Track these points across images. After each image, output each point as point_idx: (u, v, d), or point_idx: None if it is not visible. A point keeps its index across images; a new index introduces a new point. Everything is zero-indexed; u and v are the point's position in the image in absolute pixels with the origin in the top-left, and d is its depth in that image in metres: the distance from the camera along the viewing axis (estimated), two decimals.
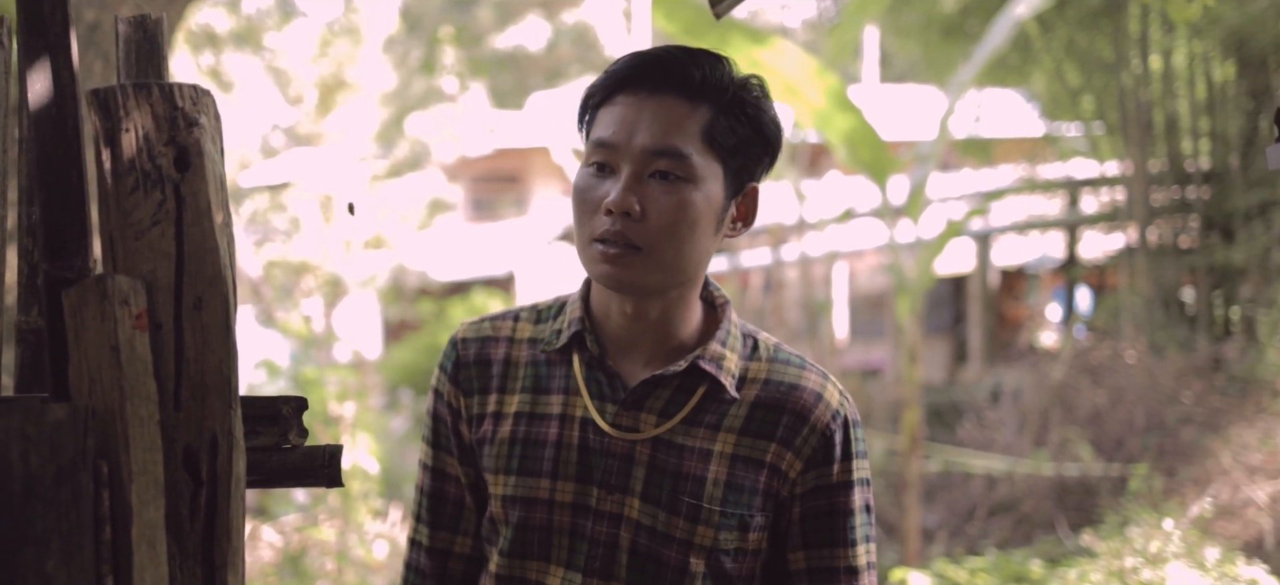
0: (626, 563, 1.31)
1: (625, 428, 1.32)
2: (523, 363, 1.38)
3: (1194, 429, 7.20)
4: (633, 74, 1.29)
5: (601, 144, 1.29)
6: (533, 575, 1.34)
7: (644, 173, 1.26)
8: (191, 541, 0.98)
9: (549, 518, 1.32)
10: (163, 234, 0.99)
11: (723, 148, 1.29)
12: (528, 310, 1.44)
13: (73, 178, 1.08)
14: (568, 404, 1.34)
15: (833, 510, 1.34)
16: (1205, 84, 8.41)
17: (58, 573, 0.87)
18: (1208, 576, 4.24)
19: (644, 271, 1.27)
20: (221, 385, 1.01)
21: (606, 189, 1.27)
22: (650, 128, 1.26)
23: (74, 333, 0.95)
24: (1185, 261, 8.55)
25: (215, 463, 1.00)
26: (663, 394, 1.32)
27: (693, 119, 1.27)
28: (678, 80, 1.28)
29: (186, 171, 1.00)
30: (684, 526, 1.30)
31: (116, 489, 0.92)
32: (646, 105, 1.27)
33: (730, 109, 1.29)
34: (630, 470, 1.31)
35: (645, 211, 1.26)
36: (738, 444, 1.31)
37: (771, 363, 1.36)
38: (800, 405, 1.33)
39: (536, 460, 1.33)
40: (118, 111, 0.98)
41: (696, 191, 1.27)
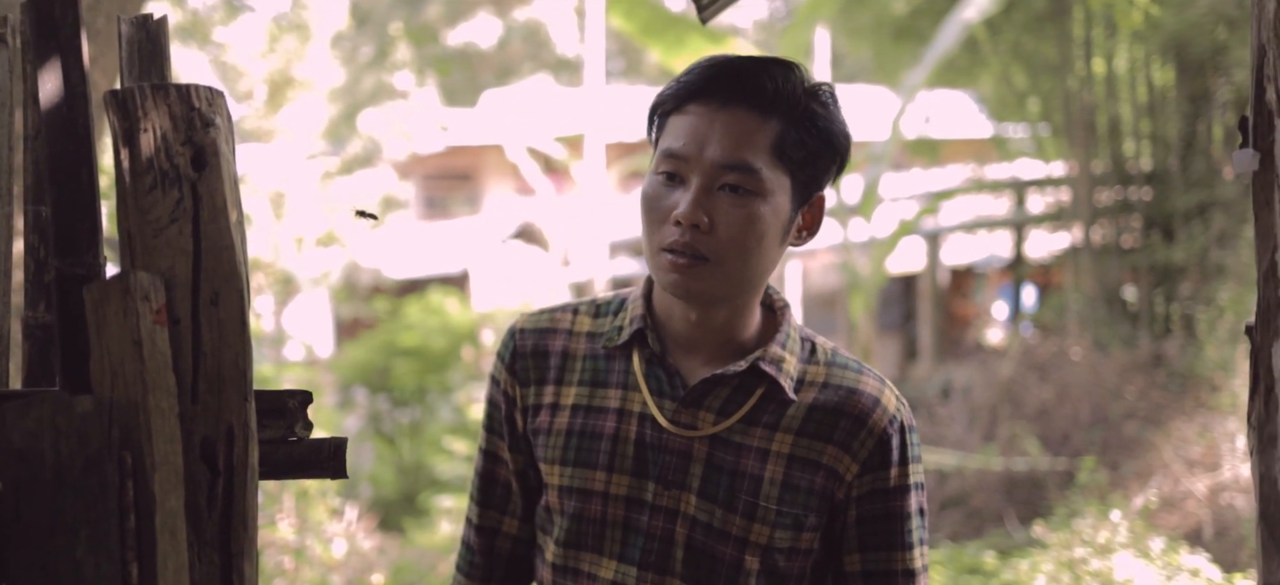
0: (682, 558, 1.33)
1: (684, 425, 1.34)
2: (581, 356, 1.40)
3: (1137, 424, 7.40)
4: (705, 85, 1.30)
5: (671, 154, 1.30)
6: (587, 567, 1.36)
7: (713, 185, 1.27)
8: (210, 530, 1.01)
9: (604, 510, 1.34)
10: (180, 231, 1.02)
11: (792, 161, 1.30)
12: (587, 304, 1.45)
13: (83, 176, 1.10)
14: (626, 399, 1.36)
15: (889, 514, 1.35)
16: (1146, 88, 8.63)
17: (87, 559, 0.90)
18: (1153, 566, 4.38)
19: (712, 283, 1.29)
20: (238, 378, 1.04)
21: (676, 199, 1.29)
22: (721, 140, 1.27)
23: (96, 327, 0.97)
24: (1127, 260, 8.77)
25: (232, 454, 1.03)
26: (722, 393, 1.34)
27: (763, 132, 1.28)
28: (750, 93, 1.28)
29: (203, 170, 1.03)
30: (740, 524, 1.32)
31: (140, 479, 0.95)
32: (718, 117, 1.28)
33: (801, 122, 1.30)
34: (688, 467, 1.33)
35: (714, 224, 1.27)
36: (795, 445, 1.33)
37: (829, 366, 1.37)
38: (858, 409, 1.34)
39: (592, 452, 1.35)
40: (136, 112, 1.01)
41: (765, 205, 1.28)
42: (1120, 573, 4.22)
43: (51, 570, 0.87)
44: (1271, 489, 0.99)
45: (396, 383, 8.70)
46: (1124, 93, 8.79)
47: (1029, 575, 4.40)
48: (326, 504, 5.79)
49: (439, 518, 7.18)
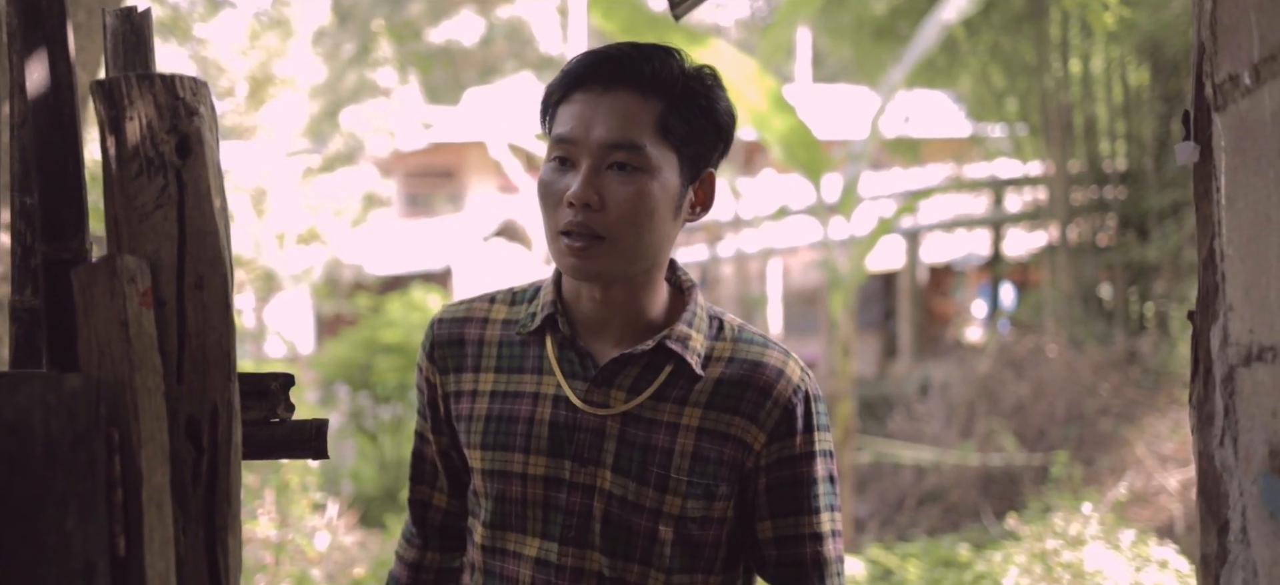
0: (599, 531, 1.38)
1: (596, 404, 1.38)
2: (497, 343, 1.45)
3: (1111, 420, 7.48)
4: (587, 72, 1.36)
5: (561, 139, 1.35)
6: (512, 546, 1.42)
7: (602, 165, 1.33)
8: (194, 505, 1.05)
9: (524, 490, 1.40)
10: (165, 217, 1.05)
11: (677, 137, 1.35)
12: (504, 293, 1.51)
13: (69, 164, 1.14)
14: (541, 382, 1.41)
15: (797, 480, 1.40)
16: (1121, 88, 8.73)
17: (76, 531, 0.93)
18: (1123, 557, 4.45)
19: (608, 260, 1.34)
20: (222, 359, 1.07)
21: (567, 182, 1.34)
22: (606, 122, 1.33)
23: (83, 309, 1.01)
24: (1103, 259, 8.87)
25: (216, 432, 1.07)
26: (632, 371, 1.39)
27: (646, 112, 1.33)
28: (630, 76, 1.34)
29: (187, 158, 1.06)
30: (653, 496, 1.37)
31: (127, 455, 0.98)
32: (602, 101, 1.34)
33: (682, 100, 1.35)
34: (602, 444, 1.38)
35: (605, 202, 1.32)
36: (703, 418, 1.38)
37: (736, 342, 1.42)
38: (763, 380, 1.39)
39: (510, 435, 1.41)
40: (122, 101, 1.04)
41: (653, 181, 1.33)
42: (1090, 564, 4.29)
43: (41, 541, 0.90)
44: (1209, 464, 1.04)
45: (378, 379, 8.71)
46: (1100, 93, 8.88)
47: (1002, 567, 4.46)
48: (308, 499, 5.80)
49: None
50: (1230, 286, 0.98)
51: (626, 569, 1.38)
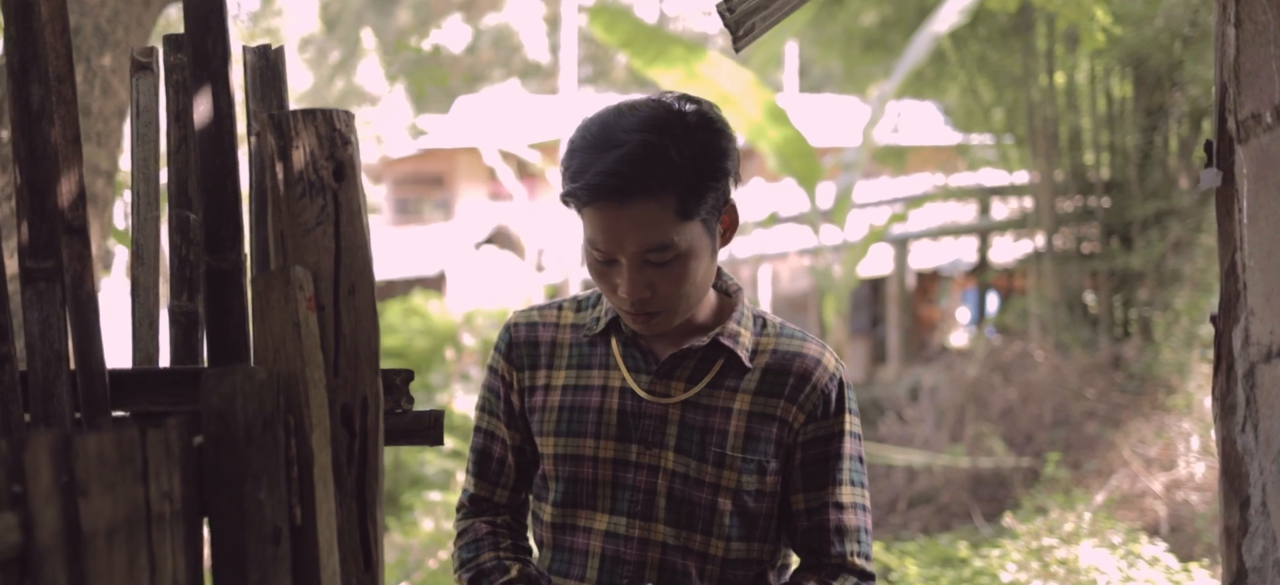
0: (665, 506, 1.55)
1: (658, 394, 1.57)
2: (567, 344, 1.64)
3: (1097, 423, 7.67)
4: (601, 192, 1.44)
5: (596, 247, 1.50)
6: (582, 522, 1.59)
7: (641, 263, 1.48)
8: (349, 482, 1.20)
9: (594, 472, 1.58)
10: (325, 233, 1.20)
11: (697, 210, 1.47)
12: (570, 302, 1.69)
13: (228, 186, 1.29)
14: (608, 377, 1.60)
15: (827, 456, 1.58)
16: (1105, 100, 8.95)
17: (267, 501, 1.08)
18: (1115, 554, 4.63)
19: (666, 322, 1.54)
20: (370, 356, 1.23)
21: (615, 276, 1.50)
22: (634, 234, 1.45)
23: (260, 312, 1.16)
24: (1087, 266, 9.07)
25: (366, 420, 1.22)
26: (688, 365, 1.57)
27: (665, 209, 1.45)
28: (640, 189, 1.44)
29: (342, 181, 1.21)
30: (712, 472, 1.55)
31: (300, 437, 1.13)
32: (623, 215, 1.45)
33: (691, 180, 1.46)
34: (665, 428, 1.56)
35: (655, 289, 1.49)
36: (753, 402, 1.56)
37: (778, 336, 1.61)
38: (803, 368, 1.58)
39: (582, 423, 1.59)
40: (290, 132, 1.19)
41: (690, 259, 1.49)
42: (1084, 561, 4.46)
43: (243, 509, 1.05)
44: (1231, 449, 1.20)
45: None
46: (1084, 105, 9.10)
47: (999, 563, 4.63)
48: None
49: (422, 515, 7.32)
50: (1251, 293, 1.15)
51: (690, 539, 1.56)
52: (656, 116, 1.48)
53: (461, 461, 8.02)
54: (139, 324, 1.38)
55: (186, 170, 1.37)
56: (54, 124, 1.23)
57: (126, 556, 0.93)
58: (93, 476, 0.91)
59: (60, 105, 1.23)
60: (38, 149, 1.22)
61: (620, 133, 1.46)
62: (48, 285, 1.23)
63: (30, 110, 1.22)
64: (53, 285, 1.24)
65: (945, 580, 4.77)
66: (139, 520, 0.95)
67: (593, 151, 1.46)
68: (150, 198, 1.38)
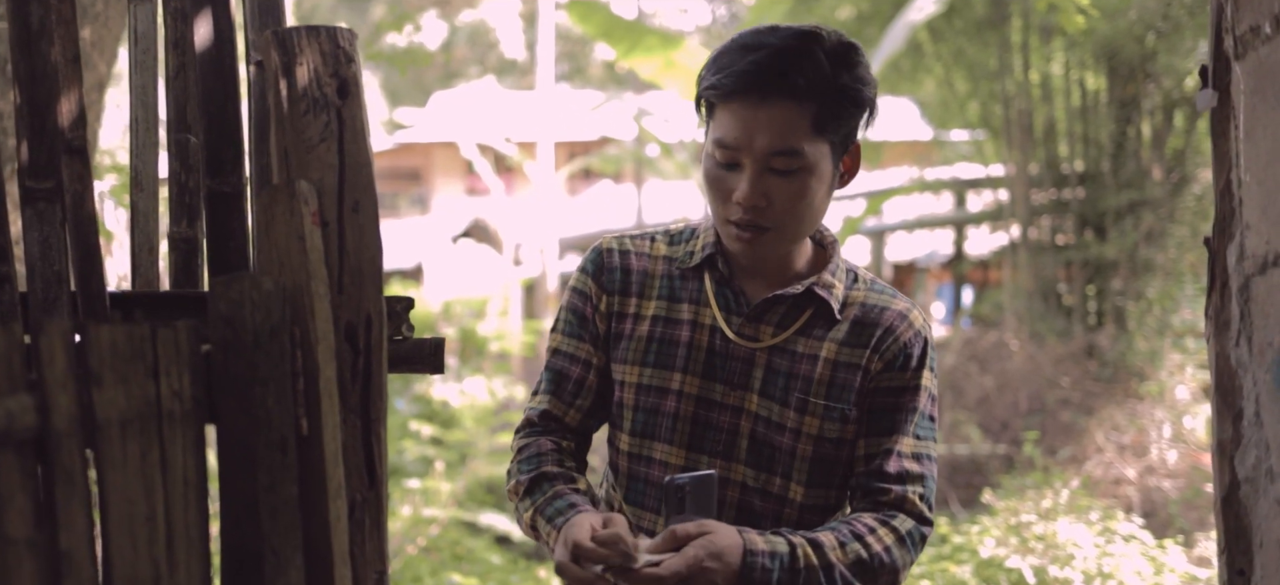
0: (746, 448, 1.55)
1: (747, 337, 1.56)
2: (659, 275, 1.62)
3: (1071, 411, 7.75)
4: (746, 85, 1.44)
5: (724, 145, 1.48)
6: (659, 455, 1.58)
7: (765, 168, 1.46)
8: (353, 399, 1.20)
9: (677, 406, 1.57)
10: (328, 149, 1.20)
11: (830, 131, 1.47)
12: (662, 235, 1.68)
13: (229, 109, 1.29)
14: (698, 313, 1.59)
15: (898, 406, 1.56)
16: (1079, 93, 9.04)
17: (275, 408, 1.08)
18: (1092, 530, 4.69)
19: (774, 245, 1.53)
20: (374, 273, 1.23)
21: (734, 181, 1.48)
22: (767, 132, 1.44)
23: (265, 226, 1.15)
24: (1062, 257, 9.16)
25: (370, 336, 1.22)
26: (779, 310, 1.57)
27: (802, 117, 1.45)
28: (786, 89, 1.44)
29: (346, 99, 1.21)
30: (794, 417, 1.54)
31: (306, 349, 1.13)
32: (760, 112, 1.44)
33: (833, 99, 1.46)
34: (751, 371, 1.56)
35: (771, 200, 1.47)
36: (839, 352, 1.56)
37: (868, 291, 1.61)
38: (889, 321, 1.57)
39: (670, 356, 1.58)
40: (294, 49, 1.19)
41: (812, 177, 1.47)
42: (1062, 536, 4.51)
43: (251, 415, 1.05)
44: (1225, 364, 1.23)
45: None
46: (1059, 98, 9.19)
47: (978, 539, 4.67)
48: None
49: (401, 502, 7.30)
50: (1247, 208, 1.17)
51: (769, 481, 1.56)
52: (810, 31, 1.49)
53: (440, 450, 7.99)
54: (138, 250, 1.37)
55: (185, 97, 1.37)
56: (53, 43, 1.22)
57: (139, 449, 0.93)
58: (106, 367, 0.90)
59: (60, 24, 1.22)
60: (37, 68, 1.22)
61: (772, 37, 1.46)
62: (47, 205, 1.23)
63: (30, 29, 1.21)
64: (53, 205, 1.23)
65: (925, 557, 4.80)
66: (151, 415, 0.95)
67: (741, 50, 1.46)
68: (149, 123, 1.37)
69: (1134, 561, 4.45)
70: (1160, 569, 4.41)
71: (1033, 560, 4.44)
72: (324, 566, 1.10)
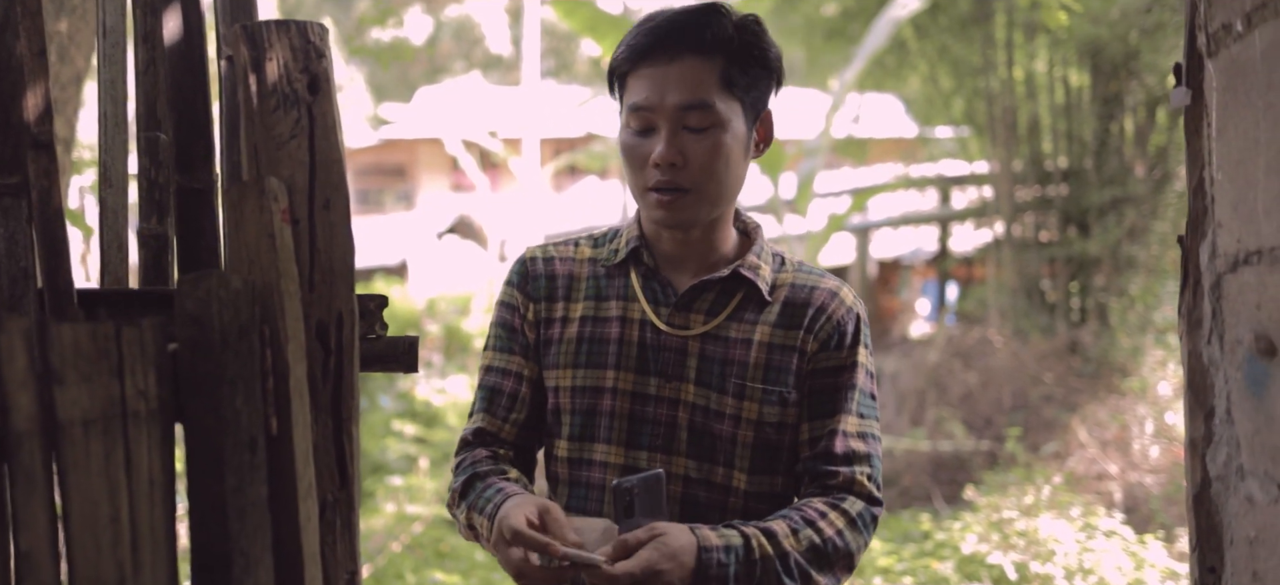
0: (686, 439, 1.54)
1: (677, 326, 1.56)
2: (584, 277, 1.62)
3: (1054, 407, 7.79)
4: (653, 44, 1.50)
5: (638, 108, 1.50)
6: (599, 456, 1.56)
7: (679, 126, 1.48)
8: (324, 398, 1.19)
9: (613, 404, 1.56)
10: (299, 146, 1.19)
11: (739, 88, 1.51)
12: (586, 238, 1.69)
13: (199, 104, 1.27)
14: (626, 309, 1.58)
15: (837, 387, 1.56)
16: (1063, 90, 9.08)
17: (243, 408, 1.07)
18: (1073, 527, 4.71)
19: (693, 209, 1.52)
20: (345, 272, 1.21)
21: (650, 145, 1.50)
22: (678, 88, 1.48)
23: (234, 223, 1.14)
24: (1045, 253, 9.20)
25: (341, 335, 1.21)
26: (708, 297, 1.57)
27: (710, 71, 1.49)
28: (693, 42, 1.48)
29: (317, 95, 1.20)
30: (732, 404, 1.54)
31: (276, 348, 1.12)
32: (670, 70, 1.48)
33: (740, 53, 1.50)
34: (685, 361, 1.55)
35: (687, 158, 1.49)
36: (772, 334, 1.55)
37: (796, 272, 1.61)
38: (820, 301, 1.58)
39: (601, 354, 1.57)
40: (263, 43, 1.18)
41: (725, 132, 1.50)
42: (1043, 532, 4.53)
43: (220, 414, 1.04)
44: (1197, 361, 1.23)
45: None
46: (1042, 95, 9.22)
47: (960, 535, 4.69)
48: None
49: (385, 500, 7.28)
50: (1219, 206, 1.17)
51: (712, 471, 1.55)
52: (711, 3, 1.53)
53: (424, 448, 7.97)
54: (107, 247, 1.36)
55: (155, 92, 1.35)
56: (19, 36, 1.20)
57: (103, 449, 0.92)
58: (68, 366, 0.89)
59: (25, 17, 1.20)
60: (2, 62, 1.20)
61: (675, 10, 1.52)
62: (14, 201, 1.21)
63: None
64: (19, 201, 1.21)
65: (908, 553, 4.81)
66: (115, 415, 0.94)
67: (646, 21, 1.52)
68: (118, 119, 1.36)
69: (1115, 557, 4.47)
70: (1141, 564, 4.43)
71: (1014, 556, 4.45)
72: (294, 567, 1.09)
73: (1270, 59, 1.03)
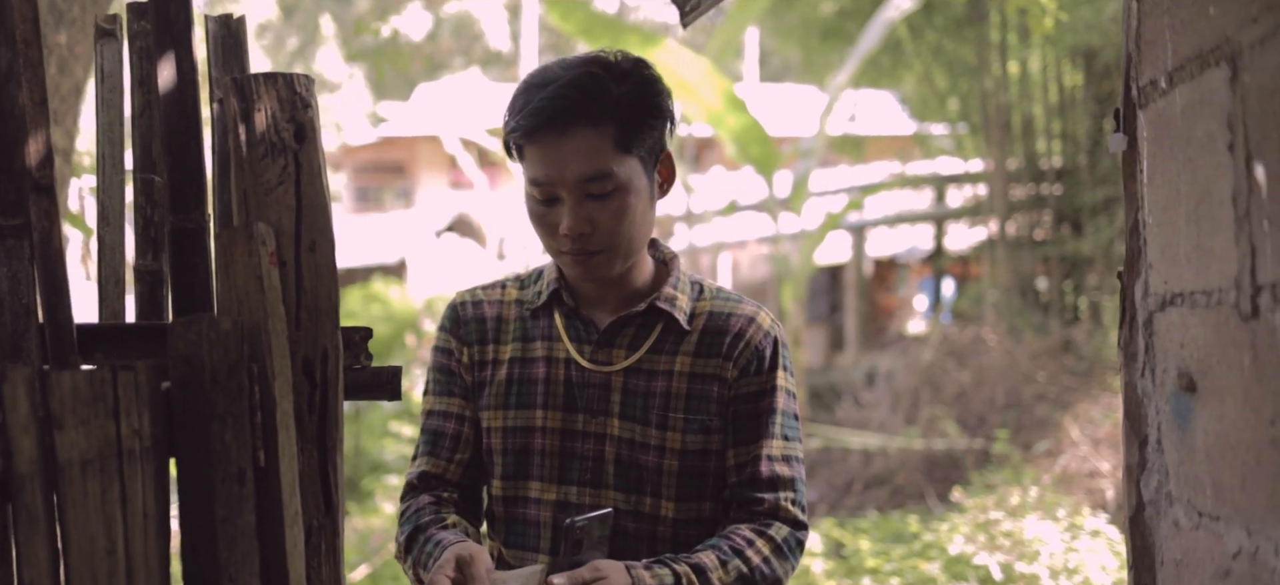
0: (613, 472, 1.58)
1: (601, 362, 1.60)
2: (512, 319, 1.67)
3: (1047, 406, 7.85)
4: (542, 122, 1.50)
5: (537, 183, 1.52)
6: (533, 494, 1.62)
7: (582, 196, 1.51)
8: (310, 430, 1.26)
9: (543, 443, 1.61)
10: (286, 191, 1.26)
11: (634, 145, 1.52)
12: (512, 279, 1.73)
13: (192, 148, 1.35)
14: (552, 348, 1.63)
15: (759, 412, 1.60)
16: (1057, 89, 9.14)
17: (232, 443, 1.14)
18: (1059, 527, 4.78)
19: (608, 265, 1.55)
20: (330, 310, 1.29)
21: (556, 215, 1.53)
22: (574, 162, 1.49)
23: (225, 266, 1.22)
24: (1039, 252, 9.27)
25: (326, 370, 1.28)
26: (628, 332, 1.61)
27: (603, 139, 1.50)
28: (581, 115, 1.49)
29: (303, 143, 1.28)
30: (656, 435, 1.58)
31: (264, 385, 1.19)
32: (563, 144, 1.49)
33: (630, 114, 1.51)
34: (609, 396, 1.59)
35: (594, 224, 1.51)
36: (693, 364, 1.60)
37: (714, 299, 1.64)
38: (738, 327, 1.61)
39: (530, 394, 1.61)
40: (252, 95, 1.25)
41: (629, 194, 1.52)
42: (1029, 533, 4.60)
43: (209, 449, 1.11)
44: (1133, 392, 1.30)
45: None
46: (1037, 94, 9.29)
47: (947, 536, 4.76)
48: None
49: (382, 500, 7.37)
50: (1150, 248, 1.24)
51: (640, 501, 1.59)
52: (594, 58, 1.55)
53: None
54: (105, 282, 1.43)
55: (150, 134, 1.43)
56: (21, 87, 1.28)
57: (100, 487, 1.00)
58: (67, 410, 0.97)
59: (27, 68, 1.28)
60: (5, 111, 1.27)
61: (558, 71, 1.53)
62: (16, 242, 1.28)
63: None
64: (21, 242, 1.28)
65: (897, 554, 4.89)
66: (111, 454, 1.01)
67: (532, 90, 1.52)
68: (115, 161, 1.43)
69: (1100, 556, 4.54)
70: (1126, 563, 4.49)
71: (1000, 556, 4.53)
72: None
73: (1189, 117, 1.10)
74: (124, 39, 1.45)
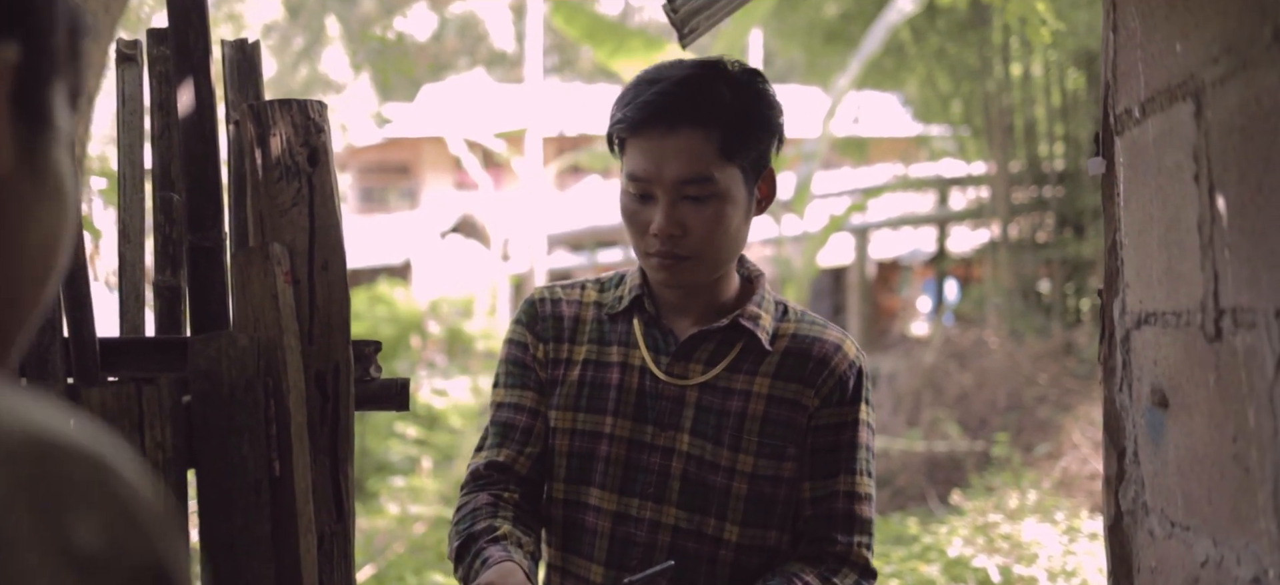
0: (678, 489, 1.53)
1: (676, 375, 1.55)
2: (589, 321, 1.63)
3: (1049, 408, 7.88)
4: (650, 117, 1.46)
5: (636, 178, 1.48)
6: (593, 500, 1.55)
7: (678, 197, 1.47)
8: (322, 441, 1.32)
9: (609, 450, 1.54)
10: (300, 213, 1.32)
11: (739, 155, 1.48)
12: (593, 282, 1.69)
13: (210, 170, 1.40)
14: (627, 355, 1.57)
15: (838, 445, 1.54)
16: (1060, 93, 9.17)
17: (249, 454, 1.20)
18: (1057, 530, 4.83)
19: (694, 273, 1.51)
20: (342, 326, 1.35)
21: (649, 214, 1.49)
22: (676, 161, 1.46)
23: (241, 285, 1.27)
24: (1042, 255, 9.30)
25: (337, 384, 1.34)
26: (708, 347, 1.55)
27: (709, 143, 1.46)
28: (690, 115, 1.45)
29: (316, 167, 1.34)
30: (727, 456, 1.52)
31: (279, 398, 1.25)
32: (667, 142, 1.46)
33: (739, 121, 1.47)
34: (681, 410, 1.54)
35: (686, 229, 1.47)
36: (772, 386, 1.54)
37: (799, 322, 1.59)
38: (822, 353, 1.55)
39: (601, 399, 1.56)
40: (268, 121, 1.31)
41: (726, 202, 1.48)
42: (1027, 535, 4.65)
43: (228, 461, 1.17)
44: (1112, 406, 1.36)
45: None
46: (1039, 97, 9.32)
47: (946, 539, 4.81)
48: None
49: (387, 500, 7.42)
50: (1127, 269, 1.30)
51: (703, 522, 1.55)
52: (710, 62, 1.51)
53: (426, 449, 8.11)
54: (126, 297, 1.49)
55: (170, 155, 1.48)
56: None
57: None
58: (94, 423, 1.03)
59: None
60: None
61: (674, 70, 1.51)
62: None
63: None
64: None
65: (896, 556, 4.94)
66: None
67: (643, 85, 1.50)
68: (135, 180, 1.49)
69: (1098, 559, 4.59)
70: None
71: (999, 559, 4.58)
72: None
73: (1160, 146, 1.16)
74: (144, 63, 1.51)
